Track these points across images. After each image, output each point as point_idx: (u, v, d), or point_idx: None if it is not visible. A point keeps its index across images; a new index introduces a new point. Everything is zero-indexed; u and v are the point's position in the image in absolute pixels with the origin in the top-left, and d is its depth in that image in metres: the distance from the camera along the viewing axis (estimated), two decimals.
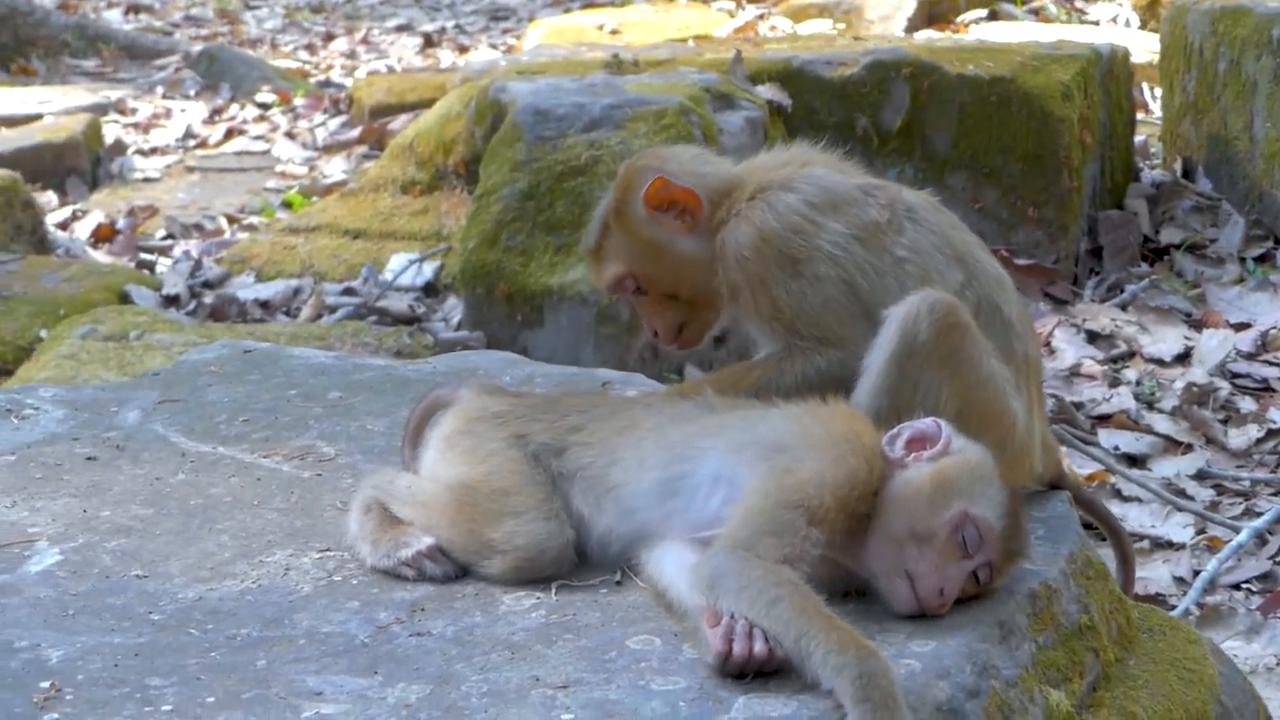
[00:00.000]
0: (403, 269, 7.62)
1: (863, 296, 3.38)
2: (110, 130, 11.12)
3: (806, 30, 11.53)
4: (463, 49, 14.16)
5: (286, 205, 9.46)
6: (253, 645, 2.89)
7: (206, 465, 3.66)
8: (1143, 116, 9.42)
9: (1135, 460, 6.03)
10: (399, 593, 3.06)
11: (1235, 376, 6.64)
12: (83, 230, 9.20)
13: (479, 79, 8.06)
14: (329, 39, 15.05)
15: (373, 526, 3.16)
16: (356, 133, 10.87)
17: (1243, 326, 7.00)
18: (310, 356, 4.33)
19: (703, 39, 10.36)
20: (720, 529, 2.88)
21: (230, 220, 9.36)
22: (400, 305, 7.41)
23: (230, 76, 12.53)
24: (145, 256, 8.72)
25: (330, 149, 10.79)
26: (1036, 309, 7.12)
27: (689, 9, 12.81)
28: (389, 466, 3.42)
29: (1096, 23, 12.29)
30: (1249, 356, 6.79)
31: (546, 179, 6.95)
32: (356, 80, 12.29)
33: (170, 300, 7.76)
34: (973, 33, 11.21)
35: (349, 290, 7.65)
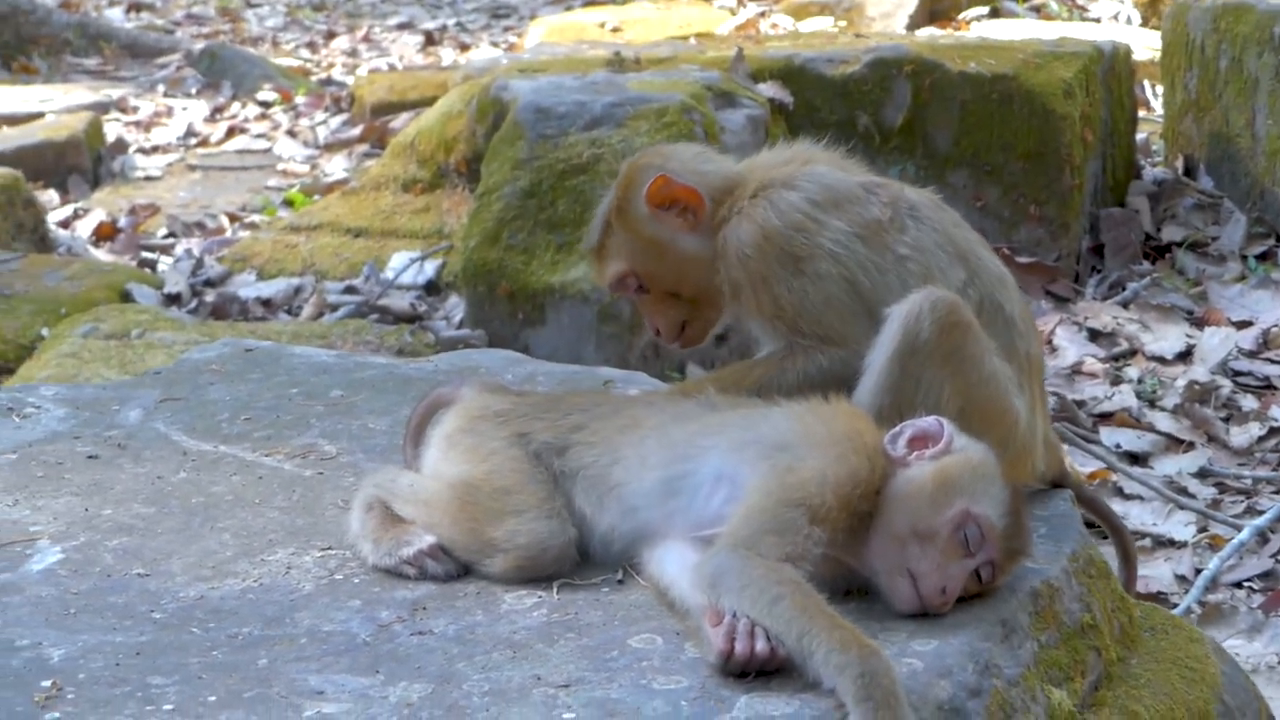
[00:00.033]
0: (404, 267, 7.62)
1: (865, 294, 3.38)
2: (112, 128, 11.12)
3: (808, 28, 11.53)
4: (464, 47, 14.16)
5: (288, 203, 9.46)
6: (254, 644, 2.89)
7: (208, 464, 3.65)
8: (1144, 114, 9.41)
9: (1137, 458, 6.03)
10: (401, 591, 3.05)
11: (1237, 374, 6.63)
12: (84, 229, 9.19)
13: (480, 77, 8.05)
14: (330, 37, 15.05)
15: (374, 525, 3.16)
16: (358, 131, 10.87)
17: (1244, 324, 7.00)
18: (312, 355, 4.33)
19: (704, 37, 10.37)
20: (722, 528, 2.88)
21: (232, 218, 9.36)
22: (402, 303, 7.41)
23: (232, 75, 12.53)
24: (147, 255, 8.72)
25: (332, 147, 10.79)
26: (1038, 307, 7.11)
27: (690, 7, 12.80)
28: (391, 465, 3.42)
29: (1098, 20, 12.29)
30: (1250, 354, 6.79)
31: (548, 177, 6.94)
32: (358, 78, 12.29)
33: (172, 299, 7.76)
34: (974, 30, 11.20)
35: (350, 289, 7.65)
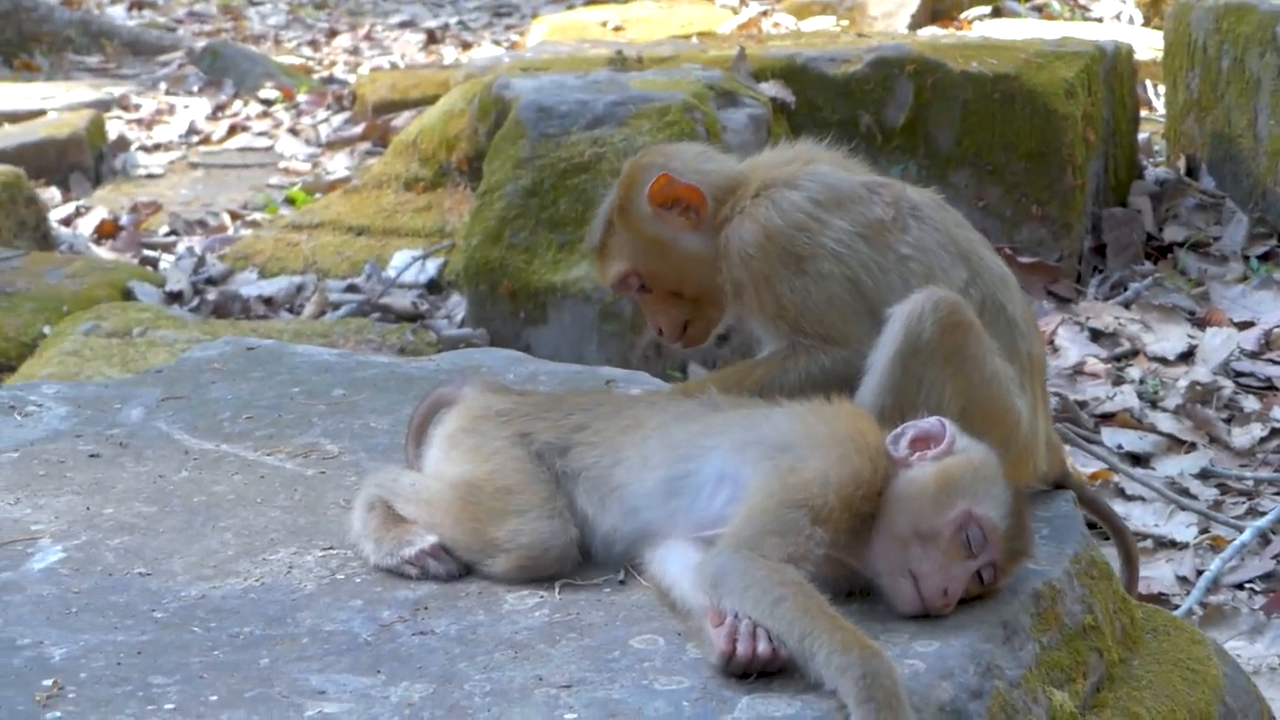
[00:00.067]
0: (406, 266, 7.62)
1: (867, 294, 3.37)
2: (114, 126, 11.13)
3: (810, 27, 11.53)
4: (466, 45, 14.16)
5: (290, 202, 9.46)
6: (256, 643, 2.89)
7: (209, 463, 3.65)
8: (1146, 114, 9.41)
9: (1139, 459, 6.03)
10: (402, 591, 3.05)
11: (1239, 375, 6.63)
12: (86, 226, 9.20)
13: (482, 75, 8.06)
14: (332, 35, 15.05)
15: (376, 525, 3.16)
16: (360, 129, 10.87)
17: (1246, 325, 7.00)
18: (313, 354, 4.32)
19: (706, 36, 10.37)
20: (724, 528, 2.88)
21: (233, 217, 9.36)
22: (403, 302, 7.41)
23: (233, 73, 12.53)
24: (148, 253, 8.72)
25: (333, 145, 10.79)
26: (1040, 307, 7.11)
27: (692, 6, 12.80)
28: (392, 464, 3.41)
29: (1100, 20, 12.29)
30: (1252, 355, 6.78)
31: (550, 176, 6.94)
32: (360, 76, 12.29)
33: (173, 297, 7.76)
34: (976, 30, 11.21)
35: (352, 287, 7.65)
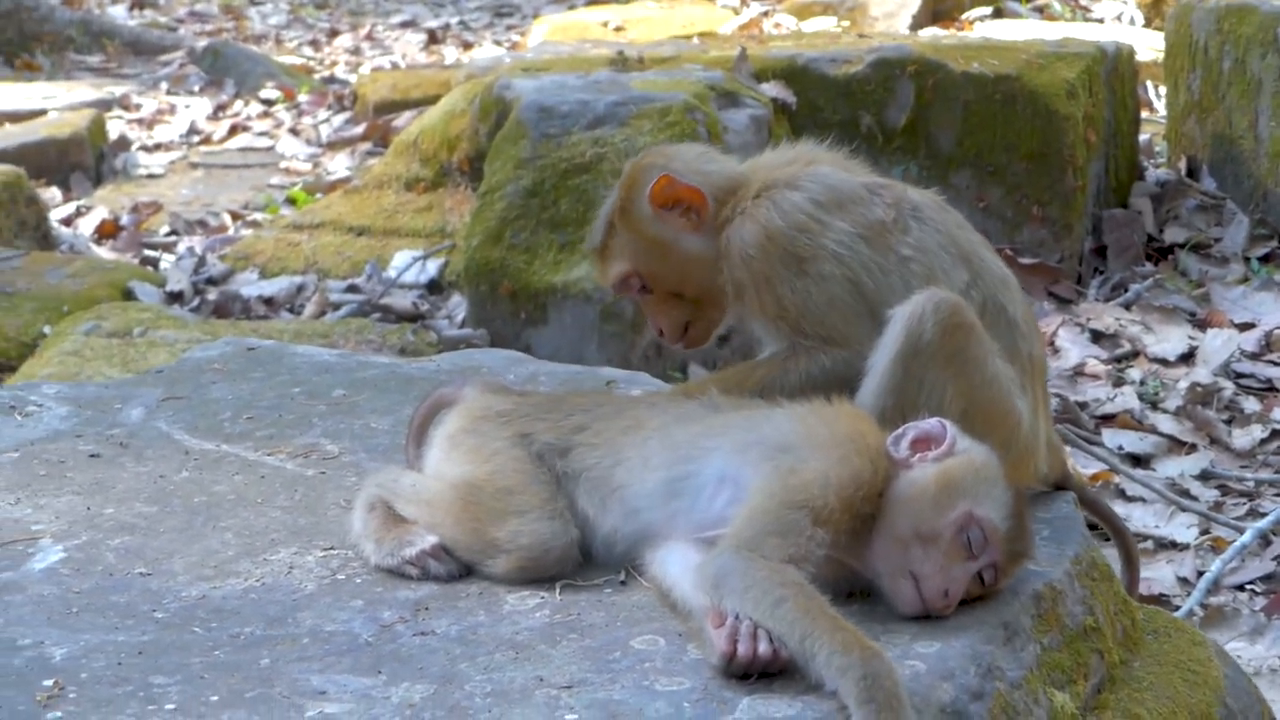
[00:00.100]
0: (406, 266, 7.62)
1: (868, 295, 3.37)
2: (114, 126, 11.13)
3: (811, 28, 11.53)
4: (467, 45, 14.17)
5: (290, 202, 9.46)
6: (256, 644, 2.89)
7: (210, 463, 3.65)
8: (1147, 115, 9.41)
9: (1139, 460, 6.02)
10: (403, 592, 3.05)
11: (1239, 376, 6.63)
12: (86, 226, 9.20)
13: (483, 76, 8.06)
14: (333, 35, 15.05)
15: (377, 525, 3.16)
16: (361, 129, 10.87)
17: (1247, 326, 6.99)
18: (314, 354, 4.32)
19: (707, 36, 10.37)
20: (725, 529, 2.88)
21: (234, 217, 9.36)
22: (404, 302, 7.41)
23: (234, 72, 12.53)
24: (149, 253, 8.72)
25: (334, 145, 10.79)
26: (1041, 308, 7.11)
27: (693, 6, 12.80)
28: (393, 465, 3.41)
29: (1101, 21, 12.29)
30: (1253, 356, 6.78)
31: (551, 176, 6.94)
32: (361, 76, 12.29)
33: (174, 297, 7.76)
34: (977, 30, 11.21)
35: (353, 287, 7.65)
